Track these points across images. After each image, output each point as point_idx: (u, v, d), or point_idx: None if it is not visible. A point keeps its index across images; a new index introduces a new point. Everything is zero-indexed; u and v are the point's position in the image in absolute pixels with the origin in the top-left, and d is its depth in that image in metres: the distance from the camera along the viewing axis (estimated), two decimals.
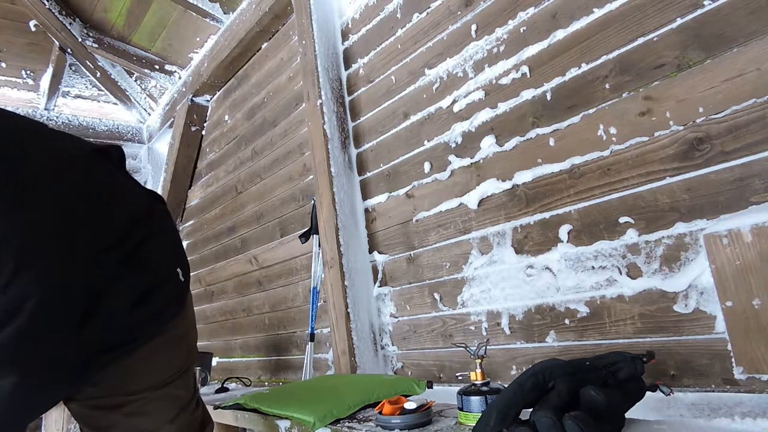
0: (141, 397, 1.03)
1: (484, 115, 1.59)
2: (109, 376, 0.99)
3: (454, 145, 1.69)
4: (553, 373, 0.78)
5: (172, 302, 1.10)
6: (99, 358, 0.93)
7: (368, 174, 2.06)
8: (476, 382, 1.03)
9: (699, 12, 1.12)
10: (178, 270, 1.14)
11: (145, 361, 1.04)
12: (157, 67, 3.59)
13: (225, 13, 3.03)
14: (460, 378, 1.44)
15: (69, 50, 3.44)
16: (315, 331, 2.20)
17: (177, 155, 3.54)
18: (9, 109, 0.93)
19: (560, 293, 1.38)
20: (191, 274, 1.18)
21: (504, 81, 1.54)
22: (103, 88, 3.79)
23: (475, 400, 1.00)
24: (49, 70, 3.52)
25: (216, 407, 1.69)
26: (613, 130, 1.27)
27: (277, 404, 1.37)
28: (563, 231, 1.38)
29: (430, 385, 1.45)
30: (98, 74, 3.65)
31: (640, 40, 1.22)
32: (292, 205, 2.58)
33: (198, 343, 1.32)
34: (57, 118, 3.66)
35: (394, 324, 1.93)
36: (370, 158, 2.06)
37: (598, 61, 1.30)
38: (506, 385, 0.83)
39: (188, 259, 1.23)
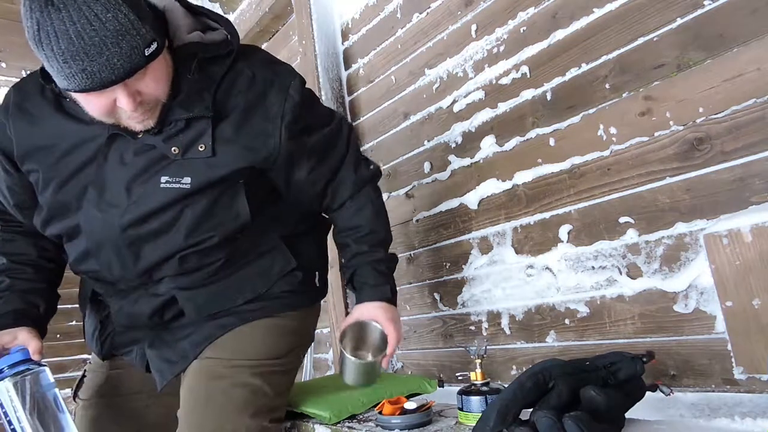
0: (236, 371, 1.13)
1: (484, 115, 1.59)
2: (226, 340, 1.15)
3: (454, 145, 1.69)
4: (553, 373, 0.78)
5: (297, 294, 1.24)
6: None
7: None
8: (476, 382, 1.03)
9: (699, 12, 1.12)
10: (317, 273, 1.31)
11: (246, 336, 1.16)
12: None
13: (225, 13, 3.03)
14: (460, 378, 1.43)
15: None
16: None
17: None
18: None
19: (560, 293, 1.38)
20: None
21: (504, 81, 1.53)
22: None
23: (475, 400, 1.00)
24: None
25: None
26: (613, 130, 1.27)
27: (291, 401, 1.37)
28: (563, 231, 1.38)
29: (441, 384, 1.45)
30: None
31: (640, 40, 1.22)
32: None
33: None
34: None
35: None
36: (370, 158, 2.05)
37: (598, 61, 1.30)
38: (506, 385, 0.83)
39: None
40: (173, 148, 1.05)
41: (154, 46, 0.93)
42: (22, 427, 0.99)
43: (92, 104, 0.98)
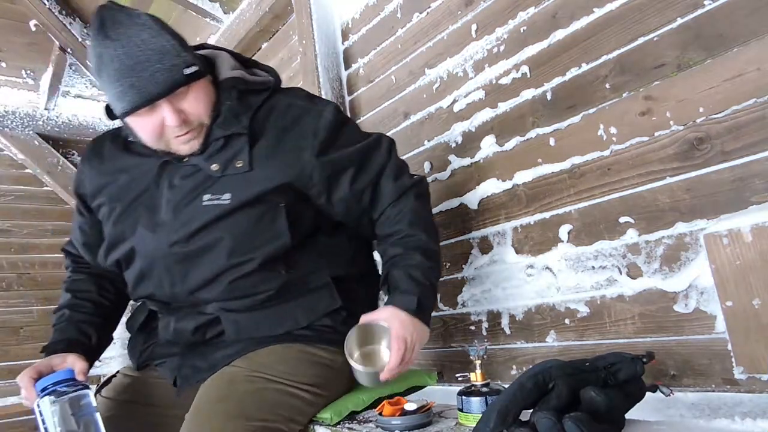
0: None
1: (484, 114, 1.59)
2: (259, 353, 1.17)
3: (454, 144, 1.69)
4: (553, 374, 0.78)
5: (338, 333, 1.21)
6: None
7: None
8: (476, 383, 1.03)
9: (699, 12, 1.12)
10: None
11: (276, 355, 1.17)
12: None
13: (225, 13, 3.02)
14: (460, 379, 1.44)
15: (69, 50, 3.43)
16: None
17: None
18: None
19: (560, 293, 1.38)
20: None
21: (504, 81, 1.53)
22: None
23: (475, 401, 1.00)
24: (49, 70, 3.51)
25: None
26: (613, 130, 1.27)
27: None
28: (563, 231, 1.38)
29: (441, 377, 1.45)
30: None
31: (641, 40, 1.22)
32: None
33: None
34: (57, 117, 3.65)
35: None
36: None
37: (599, 61, 1.30)
38: (506, 386, 0.83)
39: None
40: (213, 165, 1.17)
41: (193, 68, 1.10)
42: None
43: (144, 127, 1.14)
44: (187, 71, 1.09)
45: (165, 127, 1.12)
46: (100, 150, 1.32)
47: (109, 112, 1.18)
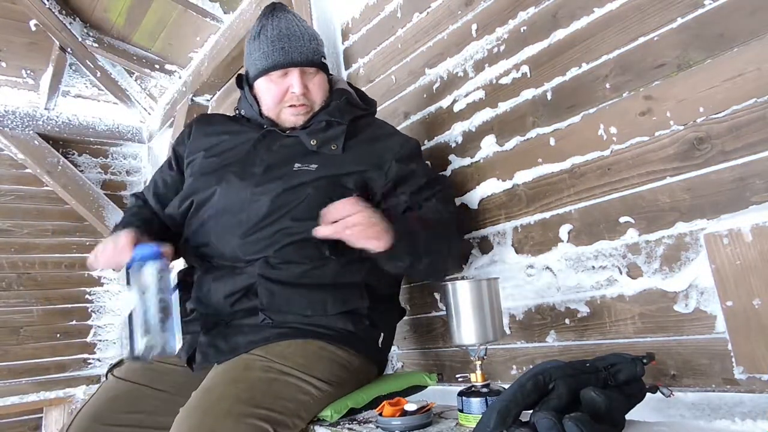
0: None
1: (485, 114, 1.59)
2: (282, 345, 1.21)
3: (454, 144, 1.69)
4: (553, 375, 0.78)
5: (358, 337, 1.29)
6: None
7: None
8: (476, 384, 1.04)
9: (700, 11, 1.12)
10: (382, 333, 1.38)
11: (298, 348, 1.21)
12: (157, 66, 3.58)
13: (225, 13, 3.02)
14: (460, 379, 1.44)
15: (69, 50, 3.43)
16: None
17: None
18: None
19: (560, 293, 1.38)
20: None
21: (504, 80, 1.53)
22: (103, 88, 3.78)
23: (475, 402, 1.00)
24: (49, 70, 3.51)
25: None
26: (613, 130, 1.27)
27: None
28: (563, 231, 1.38)
29: (441, 377, 1.45)
30: (98, 74, 3.64)
31: (641, 40, 1.22)
32: None
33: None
34: (57, 117, 3.65)
35: None
36: None
37: (599, 61, 1.30)
38: (506, 386, 0.83)
39: None
40: (312, 140, 1.37)
41: (326, 62, 1.46)
42: (155, 307, 1.12)
43: (270, 89, 1.39)
44: (323, 60, 1.44)
45: (287, 94, 1.37)
46: (210, 117, 1.59)
47: (239, 82, 1.47)
